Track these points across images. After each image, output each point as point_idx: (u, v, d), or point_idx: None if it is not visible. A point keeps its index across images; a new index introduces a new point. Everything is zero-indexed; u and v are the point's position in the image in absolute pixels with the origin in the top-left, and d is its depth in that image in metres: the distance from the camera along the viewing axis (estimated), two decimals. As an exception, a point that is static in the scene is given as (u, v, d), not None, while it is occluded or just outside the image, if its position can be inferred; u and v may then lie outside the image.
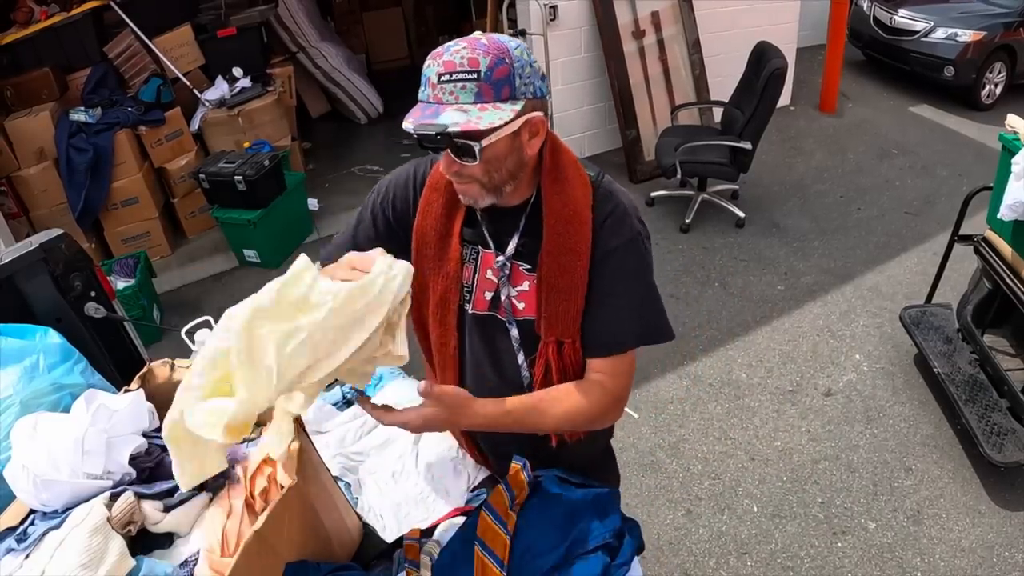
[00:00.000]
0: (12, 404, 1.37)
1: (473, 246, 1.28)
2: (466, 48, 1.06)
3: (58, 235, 1.84)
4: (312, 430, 1.68)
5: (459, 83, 1.06)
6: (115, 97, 4.46)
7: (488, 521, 1.26)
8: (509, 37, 1.13)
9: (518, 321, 1.28)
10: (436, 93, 1.07)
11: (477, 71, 1.05)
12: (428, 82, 1.08)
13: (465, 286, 1.29)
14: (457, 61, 1.06)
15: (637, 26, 5.03)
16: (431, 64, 1.08)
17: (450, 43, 1.09)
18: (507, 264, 1.25)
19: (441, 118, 1.05)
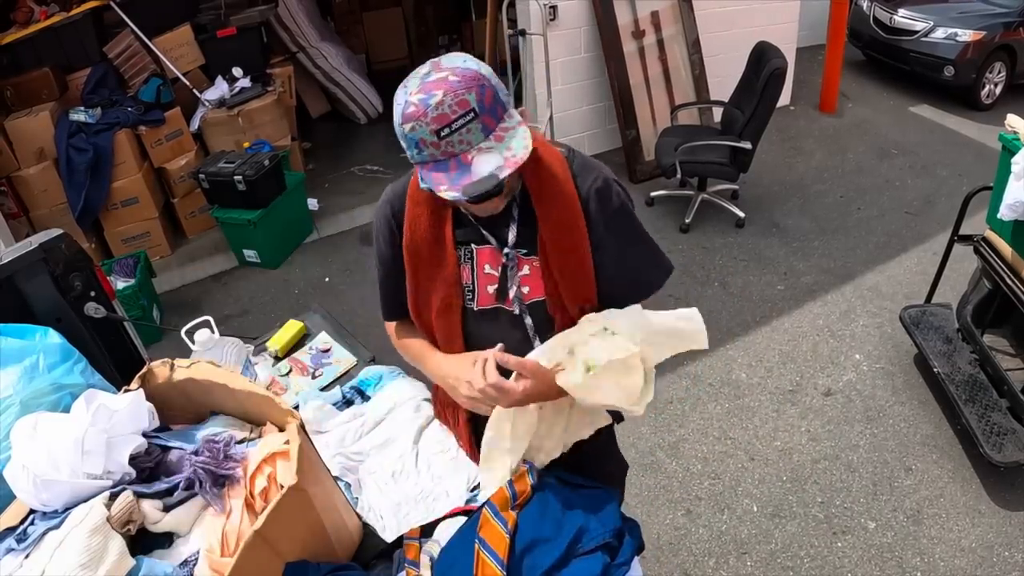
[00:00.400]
0: (12, 404, 1.37)
1: (466, 246, 1.31)
2: (445, 93, 1.04)
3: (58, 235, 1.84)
4: (312, 430, 1.68)
5: (462, 129, 1.05)
6: (115, 97, 4.46)
7: (489, 519, 1.27)
8: (458, 55, 1.13)
9: (528, 305, 1.32)
10: (444, 149, 1.06)
11: (471, 110, 1.05)
12: (424, 142, 1.06)
13: (466, 286, 1.33)
14: (447, 111, 1.04)
15: (637, 26, 5.03)
16: (417, 125, 1.05)
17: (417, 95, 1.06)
18: (513, 254, 1.29)
19: (480, 169, 1.06)
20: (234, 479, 1.25)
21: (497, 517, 1.26)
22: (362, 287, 4.11)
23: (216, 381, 1.30)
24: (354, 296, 4.04)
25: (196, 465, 1.24)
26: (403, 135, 1.08)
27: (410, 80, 1.10)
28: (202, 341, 1.74)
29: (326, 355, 2.09)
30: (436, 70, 1.08)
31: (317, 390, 1.96)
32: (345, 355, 2.08)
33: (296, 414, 1.24)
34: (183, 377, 1.34)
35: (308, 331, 2.19)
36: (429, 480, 1.59)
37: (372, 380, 1.91)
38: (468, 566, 1.21)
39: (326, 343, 2.13)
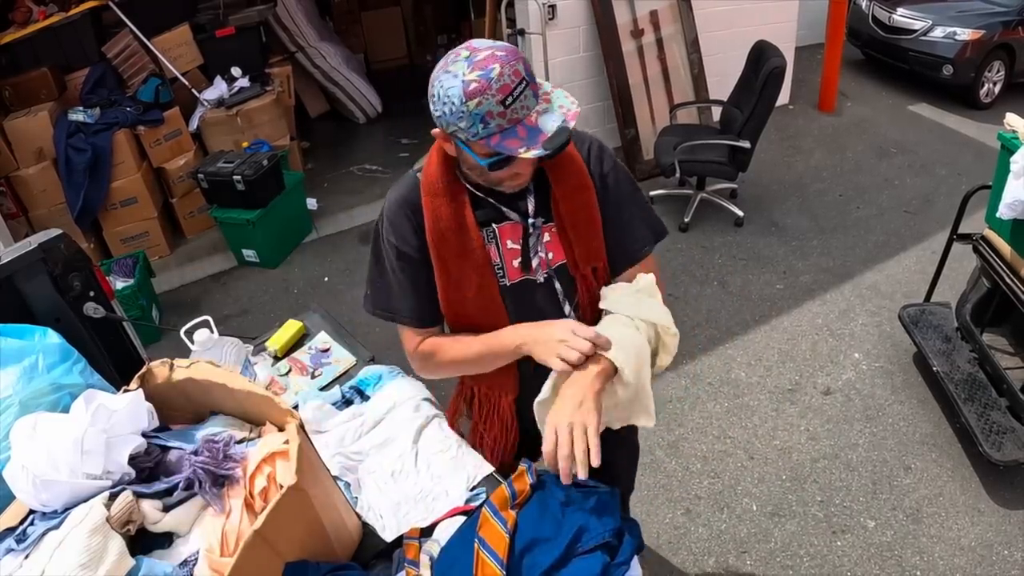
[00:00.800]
0: (11, 404, 1.37)
1: (487, 227, 1.37)
2: (502, 66, 1.13)
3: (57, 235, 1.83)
4: (311, 430, 1.68)
5: (521, 96, 1.15)
6: (114, 97, 4.46)
7: (489, 519, 1.27)
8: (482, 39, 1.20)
9: (555, 270, 1.41)
10: (510, 116, 1.15)
11: (523, 78, 1.15)
12: (491, 114, 1.14)
13: (495, 264, 1.38)
14: (508, 81, 1.13)
15: (636, 25, 5.03)
16: (483, 99, 1.13)
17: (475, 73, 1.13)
18: (538, 223, 1.37)
19: (548, 127, 1.16)
20: (234, 479, 1.25)
21: (496, 516, 1.26)
22: (361, 287, 4.09)
23: (215, 381, 1.30)
24: (353, 296, 4.04)
25: (196, 465, 1.24)
26: (467, 113, 1.14)
27: (453, 65, 1.15)
28: (201, 341, 1.74)
29: (325, 355, 2.09)
30: (477, 52, 1.15)
31: (316, 390, 1.95)
32: (344, 355, 2.08)
33: (295, 414, 1.24)
34: (182, 377, 1.34)
35: (307, 331, 2.19)
36: (429, 480, 1.59)
37: (371, 380, 1.91)
38: (468, 566, 1.21)
39: (325, 343, 2.13)
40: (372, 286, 1.51)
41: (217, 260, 4.50)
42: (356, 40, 7.21)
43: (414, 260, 1.39)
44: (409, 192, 1.38)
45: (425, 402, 1.81)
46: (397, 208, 1.39)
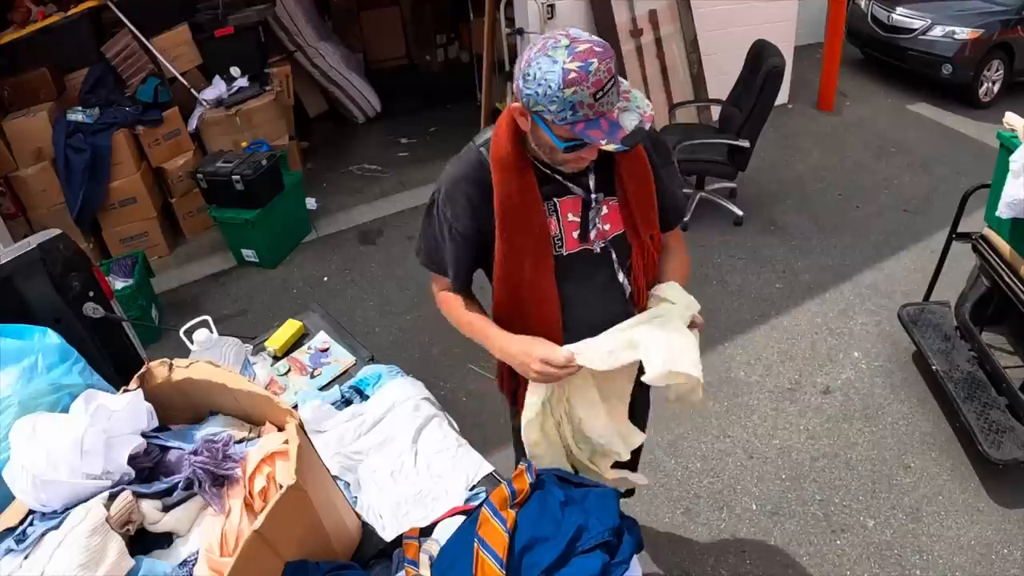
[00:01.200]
0: (11, 405, 1.37)
1: (549, 200, 1.46)
2: (600, 61, 1.22)
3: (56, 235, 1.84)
4: (311, 429, 1.68)
5: (610, 92, 1.25)
6: (113, 97, 4.45)
7: (488, 518, 1.27)
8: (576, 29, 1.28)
9: (610, 240, 1.52)
10: (597, 109, 1.25)
11: (614, 75, 1.25)
12: (582, 104, 1.23)
13: (554, 236, 1.48)
14: (602, 77, 1.22)
15: (635, 25, 5.03)
16: (579, 89, 1.21)
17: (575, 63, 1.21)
18: (598, 198, 1.48)
19: (628, 124, 1.27)
20: (233, 479, 1.25)
21: (496, 516, 1.27)
22: (361, 286, 4.11)
23: (215, 381, 1.30)
24: (353, 295, 4.04)
25: (195, 465, 1.24)
26: (561, 98, 1.23)
27: (551, 51, 1.24)
28: (201, 341, 1.74)
29: (325, 354, 2.09)
30: (578, 42, 1.23)
31: (316, 389, 1.96)
32: (344, 354, 2.08)
33: (295, 413, 1.24)
34: (182, 377, 1.34)
35: (307, 330, 2.19)
36: (428, 479, 1.59)
37: (371, 379, 1.91)
38: (467, 565, 1.21)
39: (325, 342, 2.13)
40: (425, 242, 1.61)
41: (216, 260, 4.50)
42: (355, 39, 7.20)
43: (465, 239, 1.50)
44: (471, 170, 1.46)
45: (424, 402, 1.81)
46: (454, 184, 1.48)
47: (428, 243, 1.60)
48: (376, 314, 3.86)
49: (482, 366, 3.38)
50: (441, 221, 1.51)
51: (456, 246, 1.52)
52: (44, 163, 4.20)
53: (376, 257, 4.38)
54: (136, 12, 4.46)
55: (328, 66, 6.15)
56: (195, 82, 4.83)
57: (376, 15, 7.39)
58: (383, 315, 3.85)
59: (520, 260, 1.47)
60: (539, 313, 1.52)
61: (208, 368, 1.33)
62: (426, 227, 1.59)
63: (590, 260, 1.52)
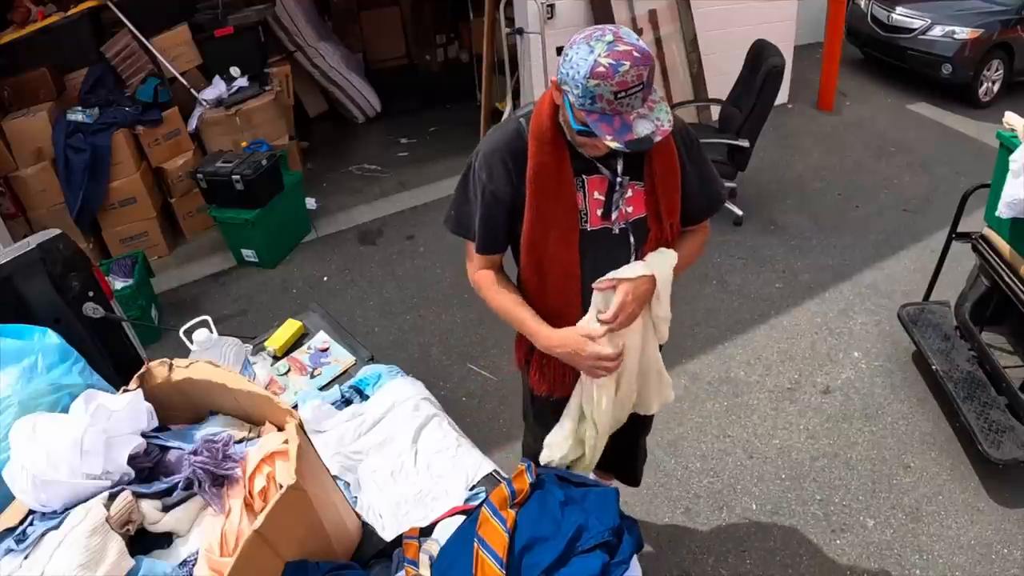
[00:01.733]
0: (11, 405, 1.37)
1: (578, 177, 1.53)
2: (632, 65, 1.28)
3: (56, 235, 1.84)
4: (311, 429, 1.68)
5: (633, 96, 1.30)
6: (112, 97, 4.45)
7: (488, 518, 1.27)
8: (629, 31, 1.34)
9: (630, 223, 1.58)
10: (615, 107, 1.31)
11: (643, 83, 1.30)
12: (601, 98, 1.30)
13: (580, 210, 1.54)
14: (630, 80, 1.28)
15: (635, 24, 5.03)
16: (602, 84, 1.28)
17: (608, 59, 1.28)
18: (624, 181, 1.54)
19: (638, 130, 1.32)
20: (233, 479, 1.25)
21: (496, 516, 1.27)
22: (360, 286, 4.11)
23: (215, 381, 1.30)
24: (353, 295, 4.04)
25: (195, 465, 1.24)
26: (585, 87, 1.30)
27: (593, 42, 1.30)
28: (200, 341, 1.74)
29: (325, 354, 2.09)
30: (620, 42, 1.30)
31: (316, 389, 1.96)
32: (344, 354, 2.08)
33: (295, 413, 1.24)
34: (182, 377, 1.34)
35: (307, 330, 2.19)
36: (428, 479, 1.59)
37: (371, 379, 1.91)
38: (467, 565, 1.21)
39: (325, 342, 2.13)
40: (456, 208, 1.65)
41: (216, 260, 4.50)
42: (355, 40, 7.20)
43: (498, 200, 1.55)
44: (511, 139, 1.53)
45: (424, 402, 1.81)
46: (494, 151, 1.54)
47: (459, 208, 1.65)
48: (376, 314, 3.86)
49: (482, 366, 3.38)
50: (475, 183, 1.57)
51: (487, 207, 1.57)
52: (44, 163, 4.20)
53: (376, 257, 4.38)
54: (136, 12, 4.46)
55: (328, 66, 6.14)
56: (195, 82, 4.82)
57: (376, 15, 7.39)
58: (383, 315, 3.85)
59: (547, 229, 1.54)
60: (561, 286, 1.60)
61: (208, 368, 1.33)
62: (459, 193, 1.64)
63: (609, 239, 1.58)
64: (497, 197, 1.55)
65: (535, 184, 1.50)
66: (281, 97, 5.18)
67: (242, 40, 5.08)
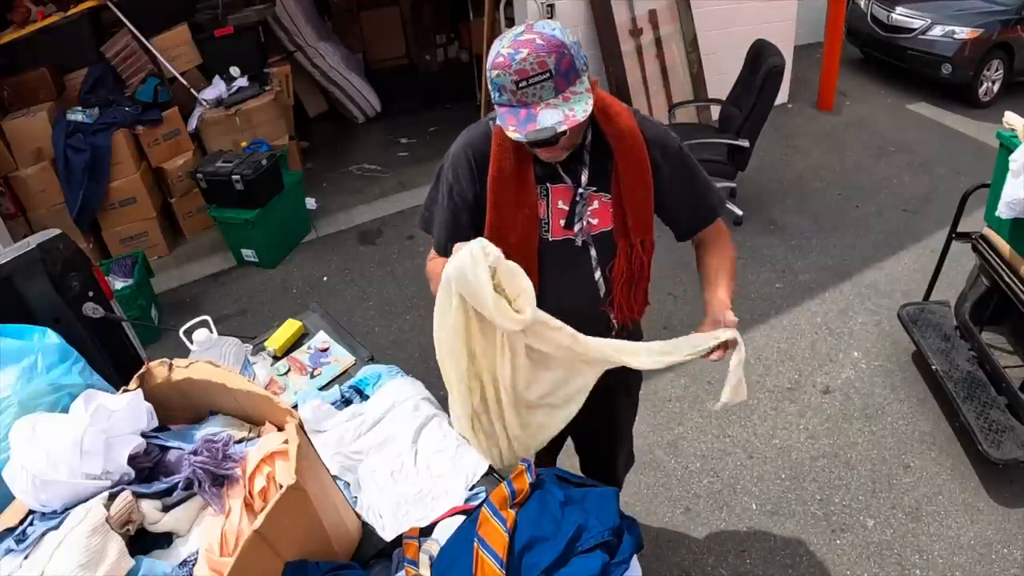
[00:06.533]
0: (10, 405, 1.37)
1: (542, 184, 1.50)
2: (529, 53, 1.26)
3: (56, 235, 1.83)
4: (311, 429, 1.68)
5: (536, 85, 1.27)
6: (112, 97, 4.45)
7: (488, 518, 1.27)
8: (549, 23, 1.33)
9: (593, 236, 1.54)
10: (519, 98, 1.29)
11: (548, 71, 1.27)
12: (505, 88, 1.29)
13: (542, 219, 1.52)
14: (528, 68, 1.26)
15: (635, 24, 5.03)
16: (502, 74, 1.28)
17: (508, 48, 1.28)
18: (586, 192, 1.50)
19: (542, 120, 1.28)
20: (233, 479, 1.25)
21: (496, 516, 1.27)
22: (360, 286, 4.11)
23: (214, 381, 1.30)
24: (353, 295, 4.04)
25: (195, 465, 1.24)
26: (490, 79, 1.31)
27: (505, 35, 1.31)
28: (200, 341, 1.74)
29: (324, 354, 2.09)
30: (528, 31, 1.29)
31: (316, 389, 1.95)
32: (344, 354, 2.08)
33: (295, 413, 1.24)
34: (181, 377, 1.34)
35: (306, 330, 2.19)
36: (428, 479, 1.59)
37: (371, 379, 1.91)
38: (467, 565, 1.21)
39: (324, 342, 2.12)
40: (427, 207, 1.64)
41: (216, 260, 4.50)
42: (355, 40, 7.20)
43: (463, 200, 1.53)
44: (479, 140, 1.51)
45: (424, 401, 1.81)
46: (462, 149, 1.53)
47: (429, 205, 1.64)
48: (376, 314, 3.86)
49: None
50: (443, 181, 1.56)
51: (452, 207, 1.55)
52: (44, 163, 4.20)
53: (376, 257, 4.38)
54: (136, 12, 4.46)
55: (328, 66, 6.14)
56: (195, 82, 4.83)
57: (376, 15, 7.39)
58: (383, 315, 3.85)
59: (506, 234, 1.50)
60: None
61: (208, 368, 1.33)
62: (432, 191, 1.62)
63: (571, 251, 1.55)
64: (462, 197, 1.53)
65: (495, 187, 1.48)
66: (281, 97, 5.18)
67: (242, 40, 5.09)
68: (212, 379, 1.30)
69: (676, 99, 5.21)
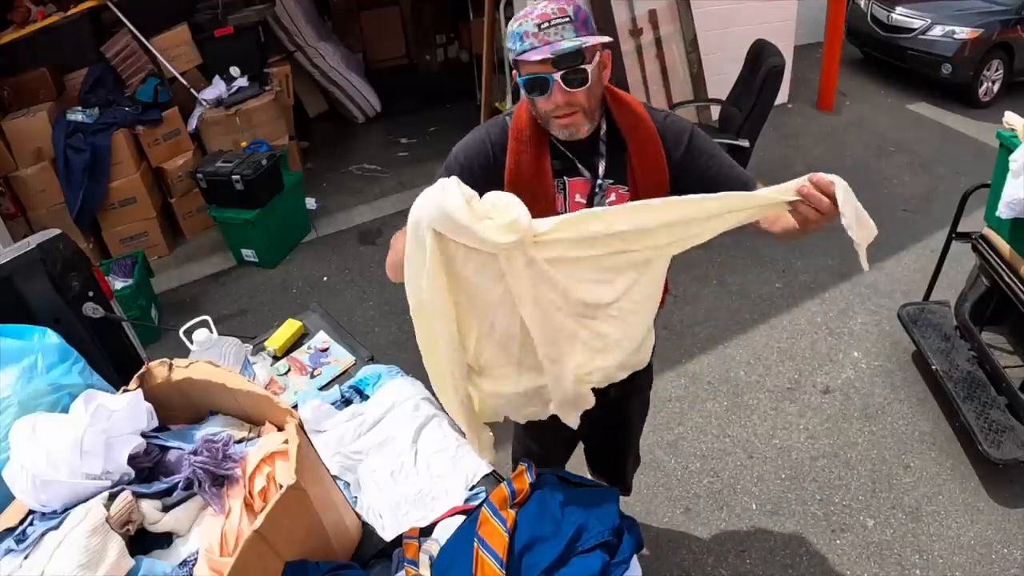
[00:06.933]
0: (11, 405, 1.37)
1: (559, 178, 1.50)
2: (549, 4, 1.33)
3: (56, 235, 1.84)
4: (311, 429, 1.68)
5: (558, 26, 1.32)
6: (112, 97, 4.45)
7: (488, 518, 1.27)
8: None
9: None
10: (543, 36, 1.32)
11: (568, 16, 1.33)
12: (527, 34, 1.33)
13: (560, 212, 1.48)
14: (550, 12, 1.32)
15: (635, 24, 5.03)
16: (523, 21, 1.34)
17: (530, 6, 1.35)
18: (604, 183, 1.50)
19: (564, 46, 1.31)
20: (233, 479, 1.25)
21: (496, 516, 1.27)
22: (360, 286, 4.11)
23: (214, 381, 1.30)
24: (353, 295, 4.04)
25: (195, 465, 1.24)
26: (511, 32, 1.36)
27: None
28: (200, 341, 1.74)
29: (324, 354, 2.09)
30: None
31: (316, 389, 1.96)
32: (344, 354, 2.08)
33: (295, 413, 1.24)
34: (181, 377, 1.34)
35: (306, 330, 2.19)
36: (428, 479, 1.59)
37: (371, 379, 1.91)
38: (467, 565, 1.21)
39: (324, 342, 2.13)
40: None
41: (216, 260, 4.50)
42: (355, 40, 7.20)
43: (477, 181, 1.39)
44: (496, 131, 1.51)
45: (424, 401, 1.81)
46: (480, 142, 1.51)
47: None
48: (376, 314, 3.86)
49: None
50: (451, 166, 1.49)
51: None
52: (44, 163, 4.20)
53: (376, 257, 4.37)
54: (136, 12, 4.46)
55: (328, 66, 6.14)
56: (195, 82, 4.82)
57: (376, 15, 7.39)
58: (383, 315, 3.84)
59: None
60: None
61: (208, 368, 1.33)
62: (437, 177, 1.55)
63: None
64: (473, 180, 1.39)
65: (512, 181, 1.47)
66: (281, 97, 5.18)
67: (242, 40, 5.09)
68: (212, 379, 1.31)
69: (676, 99, 5.21)
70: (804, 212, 1.24)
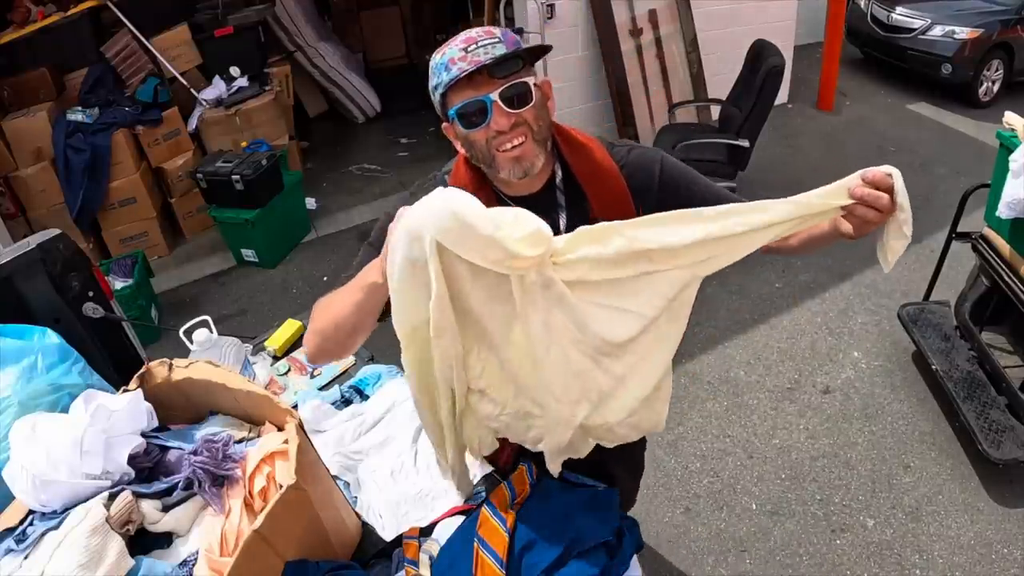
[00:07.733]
0: (10, 405, 1.37)
1: None
2: (476, 30, 1.20)
3: (56, 235, 1.83)
4: (311, 429, 1.68)
5: (487, 45, 1.18)
6: (112, 97, 4.45)
7: (489, 518, 1.27)
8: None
9: None
10: (471, 57, 1.17)
11: (497, 36, 1.19)
12: (453, 60, 1.17)
13: None
14: (476, 35, 1.19)
15: (635, 24, 5.03)
16: (446, 50, 1.19)
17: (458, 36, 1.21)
18: None
19: (499, 51, 1.17)
20: (233, 479, 1.25)
21: (496, 516, 1.27)
22: (361, 286, 4.11)
23: (214, 381, 1.30)
24: (353, 295, 4.03)
25: (195, 465, 1.24)
26: (434, 66, 1.20)
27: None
28: (200, 341, 1.74)
29: (325, 354, 2.08)
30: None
31: (315, 389, 1.96)
32: (344, 354, 2.07)
33: (295, 413, 1.24)
34: (181, 377, 1.34)
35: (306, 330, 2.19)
36: (428, 479, 1.59)
37: (371, 379, 1.91)
38: (467, 565, 1.21)
39: (325, 342, 2.12)
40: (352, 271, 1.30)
41: (216, 260, 4.50)
42: (355, 40, 7.21)
43: None
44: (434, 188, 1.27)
45: (424, 402, 1.81)
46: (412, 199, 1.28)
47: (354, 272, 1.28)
48: (376, 314, 3.86)
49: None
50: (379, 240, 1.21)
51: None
52: (44, 163, 4.21)
53: (376, 257, 4.37)
54: (136, 12, 4.46)
55: (328, 66, 6.15)
56: (195, 82, 4.83)
57: (376, 15, 7.40)
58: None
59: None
60: None
61: (208, 368, 1.33)
62: (361, 256, 1.34)
63: None
64: None
65: None
66: (281, 97, 5.19)
67: (242, 40, 5.09)
68: (212, 379, 1.30)
69: (676, 99, 5.21)
70: (862, 214, 1.10)
